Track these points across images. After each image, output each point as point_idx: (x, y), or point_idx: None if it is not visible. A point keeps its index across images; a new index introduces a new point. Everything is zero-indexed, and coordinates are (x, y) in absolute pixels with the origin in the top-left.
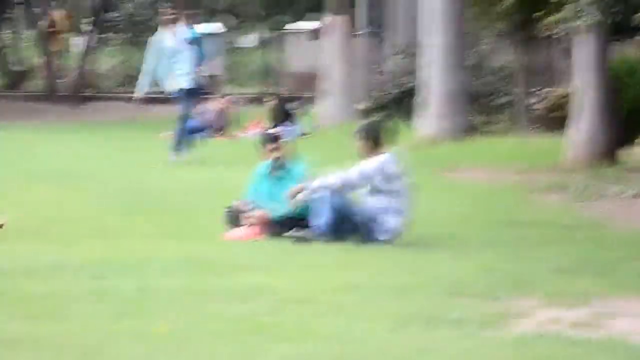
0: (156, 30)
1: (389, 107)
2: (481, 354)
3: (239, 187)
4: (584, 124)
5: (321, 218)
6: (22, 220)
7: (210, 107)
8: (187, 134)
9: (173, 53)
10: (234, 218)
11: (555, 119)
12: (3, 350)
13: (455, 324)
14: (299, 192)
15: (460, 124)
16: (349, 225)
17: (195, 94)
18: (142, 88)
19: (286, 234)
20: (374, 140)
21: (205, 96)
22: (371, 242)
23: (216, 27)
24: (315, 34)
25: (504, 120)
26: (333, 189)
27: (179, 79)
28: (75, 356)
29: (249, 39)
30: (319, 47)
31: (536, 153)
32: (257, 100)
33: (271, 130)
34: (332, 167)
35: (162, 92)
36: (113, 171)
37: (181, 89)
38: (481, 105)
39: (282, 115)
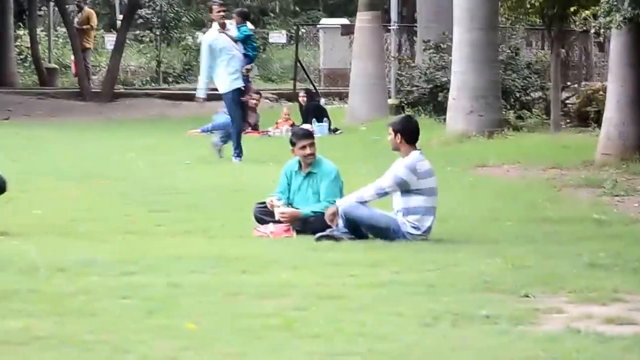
0: (205, 28)
1: (420, 103)
2: (511, 351)
3: (269, 183)
4: (616, 119)
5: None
6: (51, 218)
7: None
8: (228, 133)
9: (225, 52)
10: (264, 215)
11: (588, 113)
12: (32, 348)
13: (485, 321)
14: (334, 214)
15: (491, 119)
16: (367, 232)
17: (243, 94)
18: (203, 89)
19: (317, 234)
20: (405, 135)
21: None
22: (399, 239)
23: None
24: (346, 29)
25: (536, 116)
26: (368, 201)
27: (231, 78)
28: (104, 354)
29: (280, 36)
30: (350, 43)
31: (568, 148)
32: (288, 96)
33: (302, 127)
34: (361, 164)
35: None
36: (141, 169)
37: (233, 90)
38: (513, 100)
39: (313, 112)
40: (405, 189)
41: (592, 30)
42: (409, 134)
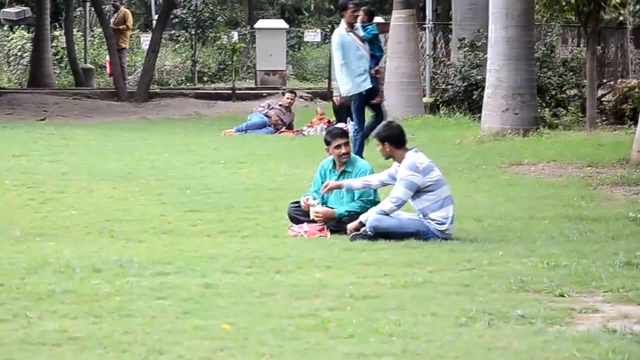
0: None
1: (454, 101)
2: (547, 351)
3: (304, 183)
4: None
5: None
6: (87, 219)
7: (275, 103)
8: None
9: (352, 52)
10: (298, 214)
11: (624, 111)
12: (67, 349)
13: (520, 321)
14: (357, 228)
15: (527, 117)
16: (396, 234)
17: (370, 96)
18: (349, 89)
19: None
20: (391, 141)
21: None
22: (430, 238)
23: (279, 22)
24: (381, 28)
25: (571, 114)
26: (390, 212)
27: (359, 80)
28: (139, 354)
29: (315, 34)
30: (385, 42)
31: (604, 146)
32: (323, 95)
33: (336, 126)
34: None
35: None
36: (176, 169)
37: (360, 92)
38: (549, 98)
39: (347, 111)
40: (416, 190)
41: (629, 26)
42: (395, 139)
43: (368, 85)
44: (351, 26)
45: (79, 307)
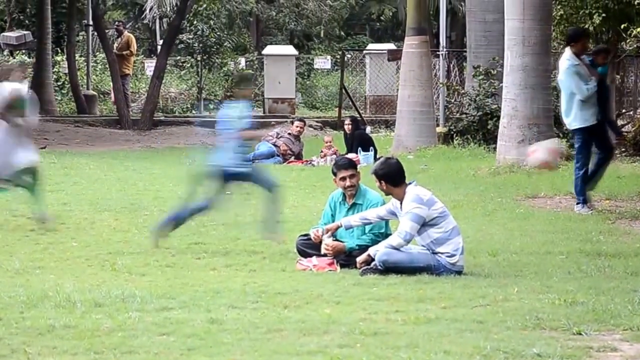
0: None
1: (469, 131)
2: None
3: (313, 215)
4: None
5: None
6: (89, 251)
7: (284, 132)
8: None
9: (584, 83)
10: (307, 247)
11: None
12: None
13: (536, 359)
14: (367, 262)
15: None
16: (406, 268)
17: (596, 133)
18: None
19: (362, 268)
20: (389, 179)
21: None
22: (441, 273)
23: (287, 48)
24: (393, 55)
25: None
26: (399, 247)
27: (589, 112)
28: None
29: (325, 61)
30: (398, 69)
31: (623, 178)
32: (333, 124)
33: (347, 156)
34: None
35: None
36: (181, 200)
37: (589, 126)
38: (566, 128)
39: (359, 140)
40: (422, 222)
41: None
42: (392, 177)
43: (595, 120)
44: (578, 55)
45: (80, 343)
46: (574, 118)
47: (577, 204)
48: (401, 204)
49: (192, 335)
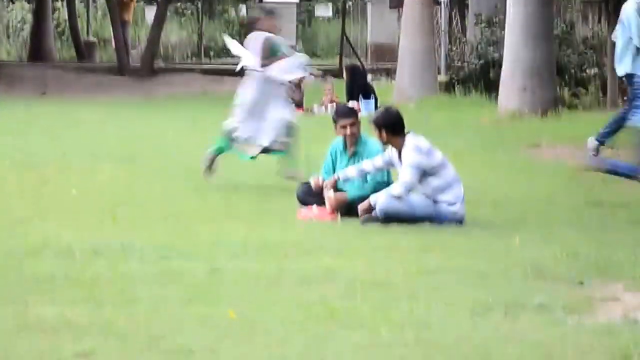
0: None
1: (470, 80)
2: (566, 342)
3: (315, 163)
4: None
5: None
6: (88, 201)
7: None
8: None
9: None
10: (308, 195)
11: None
12: (66, 335)
13: (537, 310)
14: (368, 210)
15: (545, 97)
16: (407, 218)
17: None
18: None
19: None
20: (388, 128)
21: None
22: (443, 222)
23: None
24: (395, 2)
25: (592, 93)
26: (400, 197)
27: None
28: (142, 342)
29: (326, 9)
30: (399, 17)
31: (626, 128)
32: (334, 72)
33: (347, 104)
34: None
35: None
36: (182, 149)
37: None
38: (568, 77)
39: (359, 89)
40: (422, 171)
41: None
42: (392, 126)
43: None
44: None
45: (80, 292)
46: (627, 64)
47: (596, 140)
48: (400, 153)
49: (191, 285)
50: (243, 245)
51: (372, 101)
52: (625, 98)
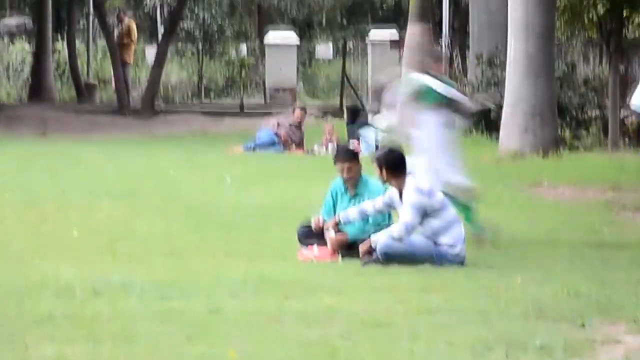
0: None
1: (471, 119)
2: None
3: (315, 203)
4: None
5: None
6: (88, 238)
7: (285, 120)
8: None
9: None
10: (308, 236)
11: None
12: None
13: (538, 351)
14: (368, 250)
15: (546, 137)
16: (408, 259)
17: None
18: None
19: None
20: (390, 168)
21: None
22: (444, 264)
23: (290, 36)
24: (395, 43)
25: (593, 134)
26: (400, 238)
27: None
28: None
29: (326, 49)
30: (400, 57)
31: (627, 169)
32: (334, 112)
33: (348, 145)
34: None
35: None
36: (182, 187)
37: None
38: (569, 118)
39: (360, 129)
40: (423, 213)
41: None
42: (394, 166)
43: None
44: None
45: (79, 331)
46: None
47: None
48: (400, 194)
49: (191, 323)
50: (243, 283)
51: (373, 142)
52: (627, 140)
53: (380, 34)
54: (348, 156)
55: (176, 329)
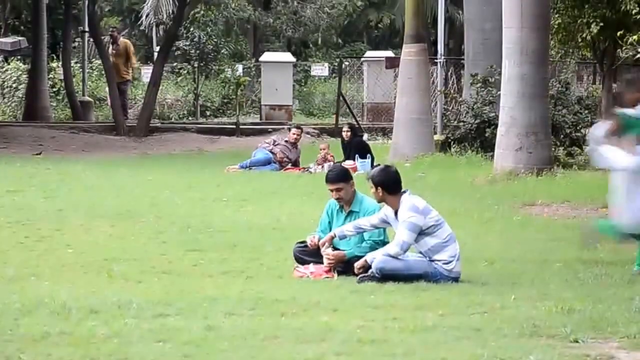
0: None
1: (466, 139)
2: None
3: (310, 222)
4: None
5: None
6: (84, 258)
7: (281, 139)
8: None
9: None
10: (304, 255)
11: None
12: None
13: None
14: (363, 267)
15: (540, 156)
16: (403, 276)
17: None
18: None
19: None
20: (384, 187)
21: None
22: (439, 280)
23: (286, 56)
24: (391, 62)
25: (587, 153)
26: (396, 256)
27: None
28: None
29: (322, 68)
30: (395, 77)
31: None
32: (330, 131)
33: (344, 163)
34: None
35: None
36: (178, 206)
37: None
38: (563, 137)
39: (356, 148)
40: (419, 231)
41: None
42: (388, 185)
43: None
44: None
45: (75, 350)
46: None
47: None
48: (396, 213)
49: (188, 342)
50: (239, 302)
51: (368, 160)
52: None
53: (376, 52)
54: (337, 178)
55: (173, 348)
